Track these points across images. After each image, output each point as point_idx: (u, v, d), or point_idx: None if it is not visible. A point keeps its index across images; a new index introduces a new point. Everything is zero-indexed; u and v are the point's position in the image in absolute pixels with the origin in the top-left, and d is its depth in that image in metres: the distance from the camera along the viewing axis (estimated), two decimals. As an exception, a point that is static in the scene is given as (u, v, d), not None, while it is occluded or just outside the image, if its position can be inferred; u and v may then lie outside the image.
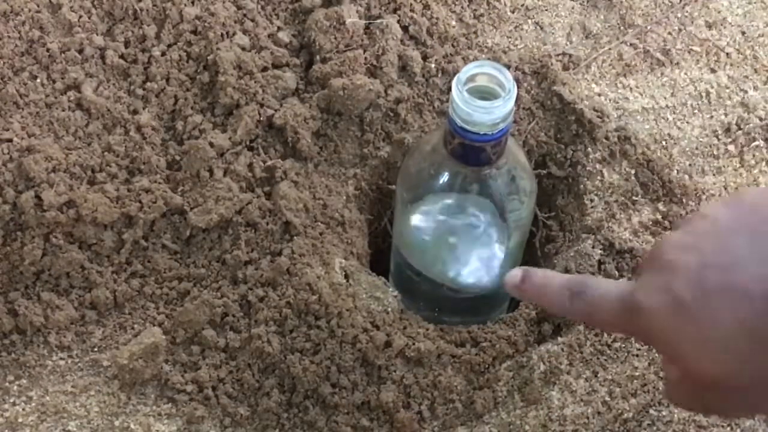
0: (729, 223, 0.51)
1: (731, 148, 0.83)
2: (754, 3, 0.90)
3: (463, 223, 0.71)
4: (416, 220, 0.72)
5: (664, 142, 0.82)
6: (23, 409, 0.70)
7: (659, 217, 0.78)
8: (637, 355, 0.68)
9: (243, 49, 0.81)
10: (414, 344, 0.70)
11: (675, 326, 0.51)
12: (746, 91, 0.85)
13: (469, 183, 0.66)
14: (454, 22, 0.85)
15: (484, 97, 0.60)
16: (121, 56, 0.82)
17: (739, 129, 0.83)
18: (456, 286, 0.73)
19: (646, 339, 0.55)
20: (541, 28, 0.89)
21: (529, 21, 0.89)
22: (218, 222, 0.75)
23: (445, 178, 0.67)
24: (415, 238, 0.73)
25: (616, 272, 0.74)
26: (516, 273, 0.61)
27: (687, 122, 0.84)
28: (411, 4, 0.84)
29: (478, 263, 0.74)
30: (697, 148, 0.82)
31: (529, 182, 0.69)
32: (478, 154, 0.63)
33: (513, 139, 0.70)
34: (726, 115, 0.84)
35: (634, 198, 0.79)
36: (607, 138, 0.81)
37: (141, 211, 0.75)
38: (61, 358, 0.72)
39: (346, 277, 0.74)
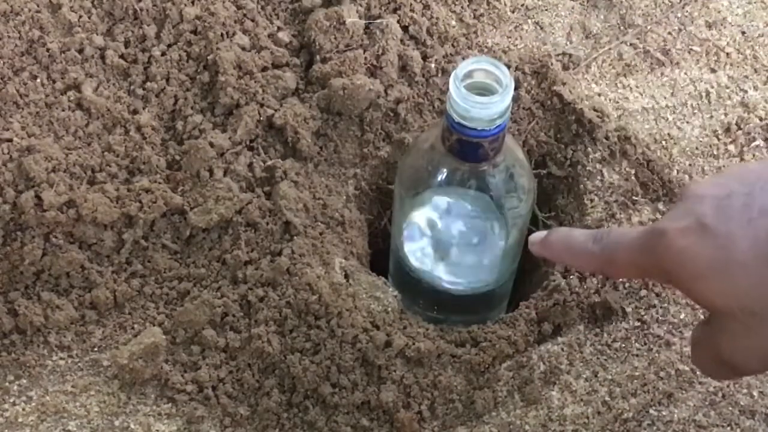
0: (758, 167, 0.53)
1: (731, 148, 0.83)
2: (754, 3, 0.91)
3: (461, 221, 0.71)
4: (414, 217, 0.72)
5: (664, 142, 0.82)
6: (23, 409, 0.70)
7: (659, 217, 0.78)
8: (637, 355, 0.68)
9: (243, 49, 0.81)
10: (414, 344, 0.70)
11: (695, 249, 0.51)
12: (746, 91, 0.85)
13: (467, 180, 0.67)
14: (454, 22, 0.85)
15: (482, 93, 0.61)
16: (121, 56, 0.82)
17: (739, 129, 0.83)
18: (454, 284, 0.73)
19: (665, 272, 0.55)
20: (541, 28, 0.89)
21: (529, 21, 0.89)
22: (218, 222, 0.75)
23: (443, 175, 0.67)
24: (413, 236, 0.73)
25: (616, 272, 0.74)
26: (541, 232, 0.63)
27: (687, 122, 0.84)
28: (411, 4, 0.84)
29: (477, 261, 0.74)
30: (697, 148, 0.82)
31: (527, 180, 0.69)
32: (476, 150, 0.63)
33: (511, 137, 0.70)
34: (726, 115, 0.84)
35: (634, 198, 0.79)
36: (607, 138, 0.81)
37: (141, 211, 0.75)
38: (61, 358, 0.72)
39: (346, 277, 0.74)
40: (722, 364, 0.56)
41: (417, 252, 0.74)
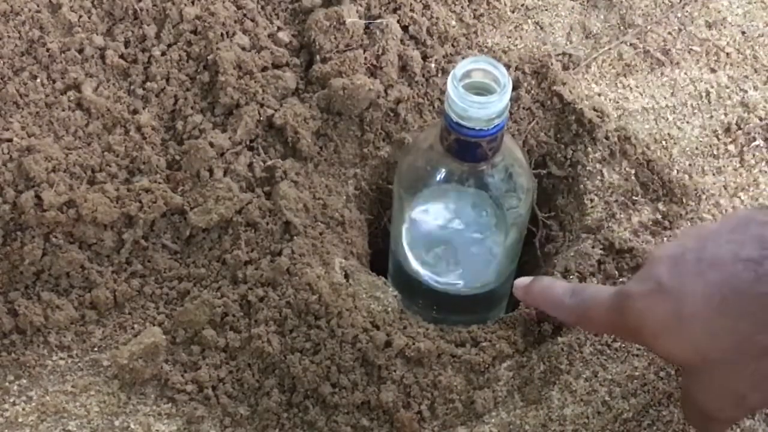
0: (713, 226, 0.55)
1: (731, 148, 0.83)
2: (754, 3, 0.91)
3: (460, 221, 0.71)
4: (414, 217, 0.72)
5: (664, 142, 0.82)
6: (23, 409, 0.70)
7: (659, 217, 0.78)
8: (637, 355, 0.68)
9: (243, 49, 0.81)
10: (414, 344, 0.70)
11: (653, 309, 0.54)
12: (746, 91, 0.85)
13: (466, 179, 0.67)
14: (454, 22, 0.85)
15: (480, 93, 0.61)
16: (121, 56, 0.82)
17: (739, 129, 0.83)
18: (453, 284, 0.73)
19: (633, 333, 0.58)
20: (541, 28, 0.89)
21: (529, 21, 0.89)
22: (218, 222, 0.75)
23: (441, 174, 0.67)
24: (412, 235, 0.73)
25: (616, 272, 0.74)
26: (526, 278, 0.68)
27: (687, 122, 0.84)
28: (411, 4, 0.84)
29: (476, 261, 0.74)
30: (697, 148, 0.82)
31: (526, 179, 0.69)
32: (474, 150, 0.63)
33: (510, 137, 0.70)
34: (726, 115, 0.84)
35: (634, 198, 0.79)
36: (607, 138, 0.81)
37: (141, 211, 0.75)
38: (61, 358, 0.72)
39: (346, 277, 0.74)
40: (703, 415, 0.59)
41: (416, 252, 0.74)
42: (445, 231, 0.72)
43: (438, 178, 0.67)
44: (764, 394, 0.54)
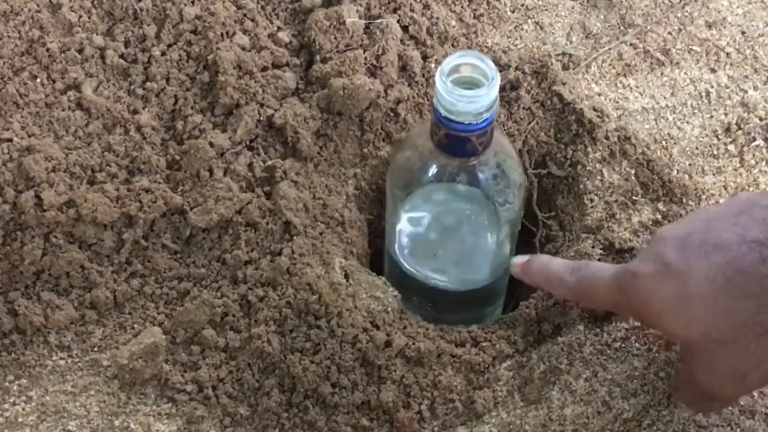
0: (718, 208, 0.57)
1: (731, 148, 0.83)
2: (754, 3, 0.91)
3: (452, 217, 0.71)
4: (406, 214, 0.72)
5: (664, 142, 0.82)
6: (23, 409, 0.70)
7: (659, 217, 0.78)
8: (637, 355, 0.68)
9: (243, 49, 0.81)
10: (414, 344, 0.70)
11: (659, 289, 0.56)
12: (746, 91, 0.85)
13: (457, 175, 0.67)
14: (454, 22, 0.85)
15: (469, 88, 0.61)
16: (121, 56, 0.82)
17: (739, 129, 0.83)
18: (447, 280, 0.73)
19: (636, 311, 0.60)
20: (541, 28, 0.89)
21: (529, 21, 0.89)
22: (218, 222, 0.75)
23: (433, 171, 0.67)
24: (405, 233, 0.73)
25: (616, 272, 0.74)
26: (523, 256, 0.69)
27: (687, 122, 0.84)
28: (411, 4, 0.84)
29: (469, 257, 0.74)
30: (697, 148, 0.82)
31: (518, 174, 0.69)
32: (464, 144, 0.63)
33: (501, 132, 0.70)
34: (726, 115, 0.84)
35: (634, 198, 0.79)
36: (607, 138, 0.81)
37: (141, 211, 0.75)
38: (61, 358, 0.72)
39: (346, 276, 0.74)
40: (702, 394, 0.61)
41: (409, 249, 0.74)
42: (437, 228, 0.72)
43: (429, 175, 0.67)
44: (764, 373, 0.56)
